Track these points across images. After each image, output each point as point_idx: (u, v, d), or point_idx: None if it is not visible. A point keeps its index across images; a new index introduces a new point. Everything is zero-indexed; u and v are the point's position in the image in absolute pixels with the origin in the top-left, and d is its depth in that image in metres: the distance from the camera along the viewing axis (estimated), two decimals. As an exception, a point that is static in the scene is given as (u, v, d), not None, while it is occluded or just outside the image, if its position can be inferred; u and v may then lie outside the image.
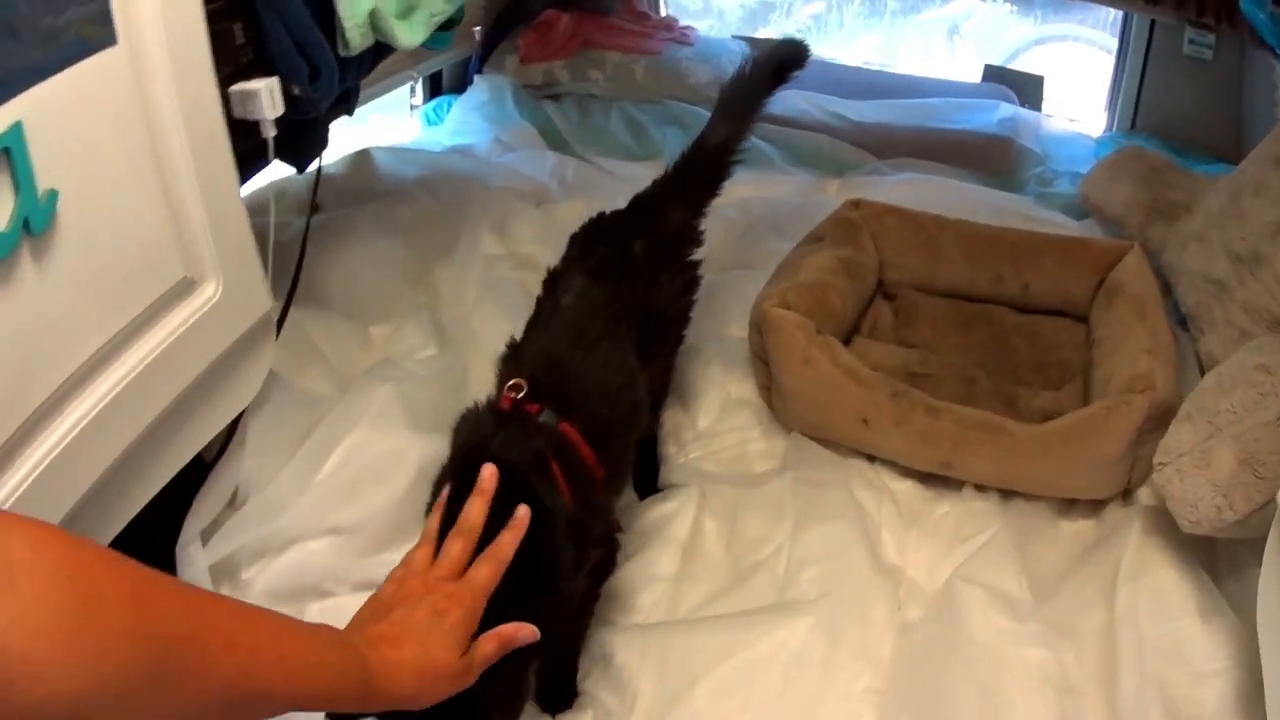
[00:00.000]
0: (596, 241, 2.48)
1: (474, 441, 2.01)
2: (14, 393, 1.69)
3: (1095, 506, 2.51)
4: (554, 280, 2.41)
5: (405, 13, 2.59)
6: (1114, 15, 5.13)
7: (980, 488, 2.55)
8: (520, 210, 3.78)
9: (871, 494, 2.54)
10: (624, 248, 2.43)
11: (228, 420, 2.45)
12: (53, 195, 1.67)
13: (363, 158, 3.94)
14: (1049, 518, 2.49)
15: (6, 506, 1.64)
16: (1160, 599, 2.12)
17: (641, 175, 2.82)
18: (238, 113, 2.21)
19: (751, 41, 5.57)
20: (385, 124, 5.03)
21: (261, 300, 2.38)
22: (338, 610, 2.30)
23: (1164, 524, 2.25)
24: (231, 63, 2.19)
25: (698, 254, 2.67)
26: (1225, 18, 3.93)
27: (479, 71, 5.38)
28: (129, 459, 2.00)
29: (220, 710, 1.13)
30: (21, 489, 1.70)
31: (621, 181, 3.01)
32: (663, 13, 5.91)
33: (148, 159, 1.94)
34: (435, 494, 1.93)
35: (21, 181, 1.61)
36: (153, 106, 1.92)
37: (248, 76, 2.24)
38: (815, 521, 2.42)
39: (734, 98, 2.66)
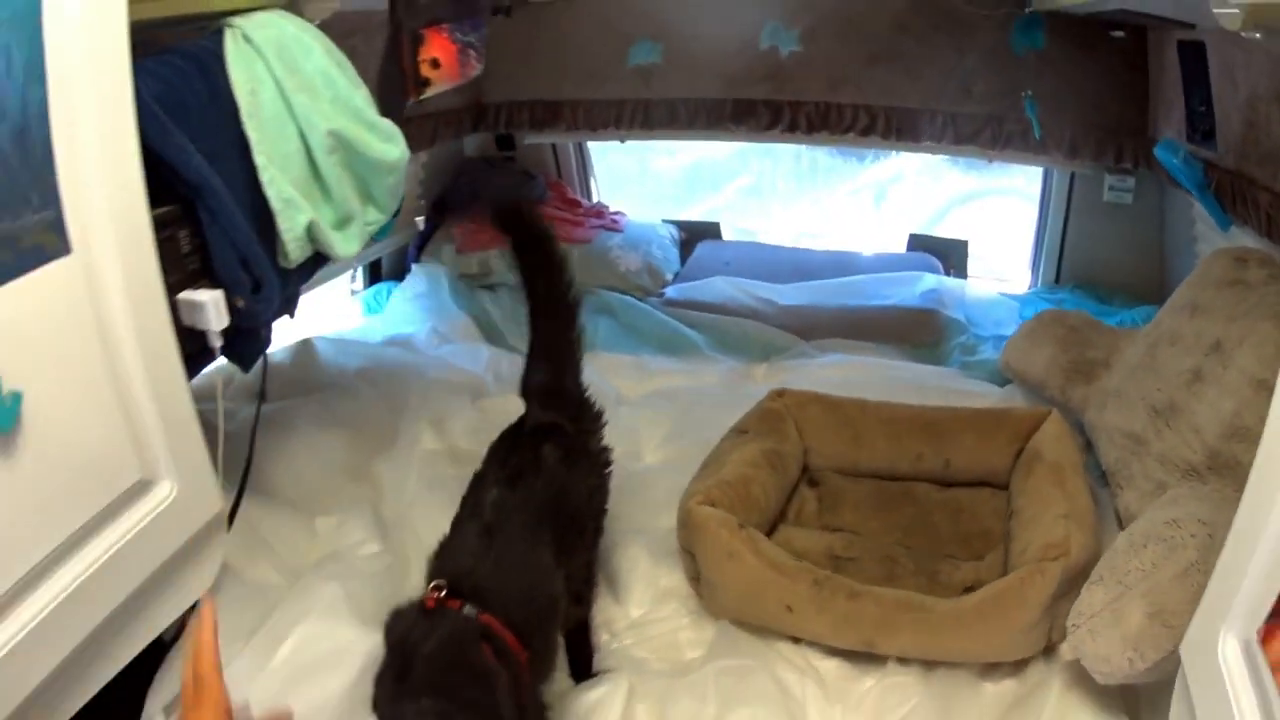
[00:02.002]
0: (511, 449, 2.67)
1: (403, 636, 2.19)
2: None
3: (1018, 666, 2.62)
4: (477, 482, 2.61)
5: (341, 224, 2.78)
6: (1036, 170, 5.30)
7: (903, 661, 2.66)
8: (456, 406, 3.95)
9: (796, 675, 2.66)
10: (535, 455, 2.62)
11: (181, 611, 2.53)
12: (17, 397, 1.80)
13: (305, 348, 4.06)
14: (972, 681, 2.61)
15: None
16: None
17: (575, 369, 2.99)
18: (185, 320, 2.33)
19: (680, 225, 5.82)
20: (327, 308, 5.14)
21: (213, 500, 2.48)
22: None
23: (1084, 675, 2.39)
24: (179, 270, 2.32)
25: (609, 455, 2.86)
26: (1143, 161, 4.21)
27: (416, 260, 5.54)
28: (86, 647, 2.08)
29: None
30: None
31: None
32: (594, 199, 6.09)
33: (102, 364, 2.07)
34: (376, 688, 2.12)
35: None
36: (106, 314, 2.05)
37: (195, 283, 2.38)
38: (739, 705, 2.54)
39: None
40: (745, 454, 3.16)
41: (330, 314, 5.14)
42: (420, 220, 5.56)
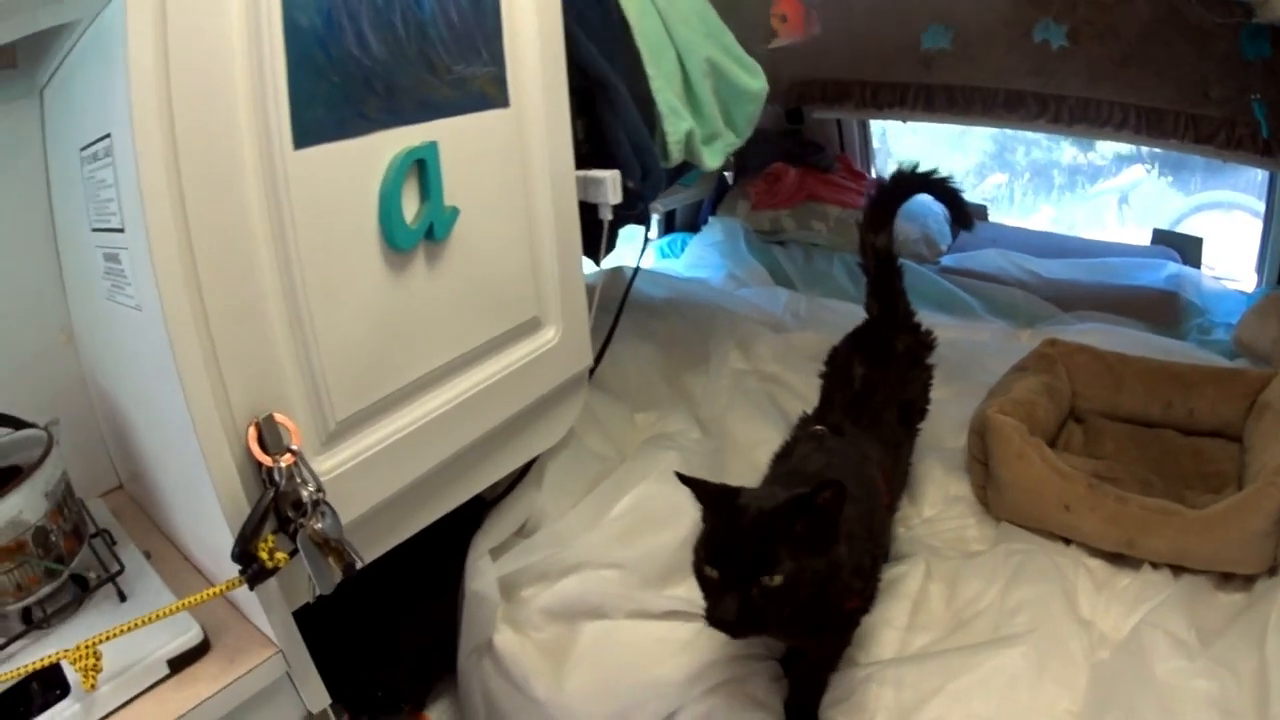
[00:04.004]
0: (868, 340, 2.88)
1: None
2: (379, 370, 1.92)
3: (1247, 581, 2.68)
4: (840, 364, 2.82)
5: (709, 139, 2.92)
6: (1262, 178, 5.29)
7: (1155, 565, 2.75)
8: (761, 334, 4.05)
9: (1069, 562, 2.77)
10: (890, 345, 2.84)
11: (538, 452, 2.70)
12: (455, 211, 1.96)
13: (616, 274, 4.16)
14: (1210, 589, 2.67)
15: (338, 474, 1.87)
16: (1304, 642, 2.30)
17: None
18: (579, 195, 2.48)
19: None
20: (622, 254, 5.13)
21: (585, 354, 2.64)
22: (610, 632, 2.57)
23: None
24: (574, 153, 2.44)
25: (933, 370, 3.01)
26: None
27: (713, 213, 5.73)
28: (457, 459, 2.22)
29: None
30: (359, 459, 1.91)
31: (851, 319, 3.18)
32: (874, 174, 6.16)
33: (522, 208, 2.22)
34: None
35: (431, 192, 1.90)
36: (530, 165, 2.21)
37: (584, 168, 2.51)
38: (1023, 582, 2.65)
39: (876, 215, 3.01)
40: (1028, 383, 3.30)
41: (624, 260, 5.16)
42: (729, 175, 5.76)
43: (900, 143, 6.47)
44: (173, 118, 1.47)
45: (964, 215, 3.08)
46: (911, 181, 3.01)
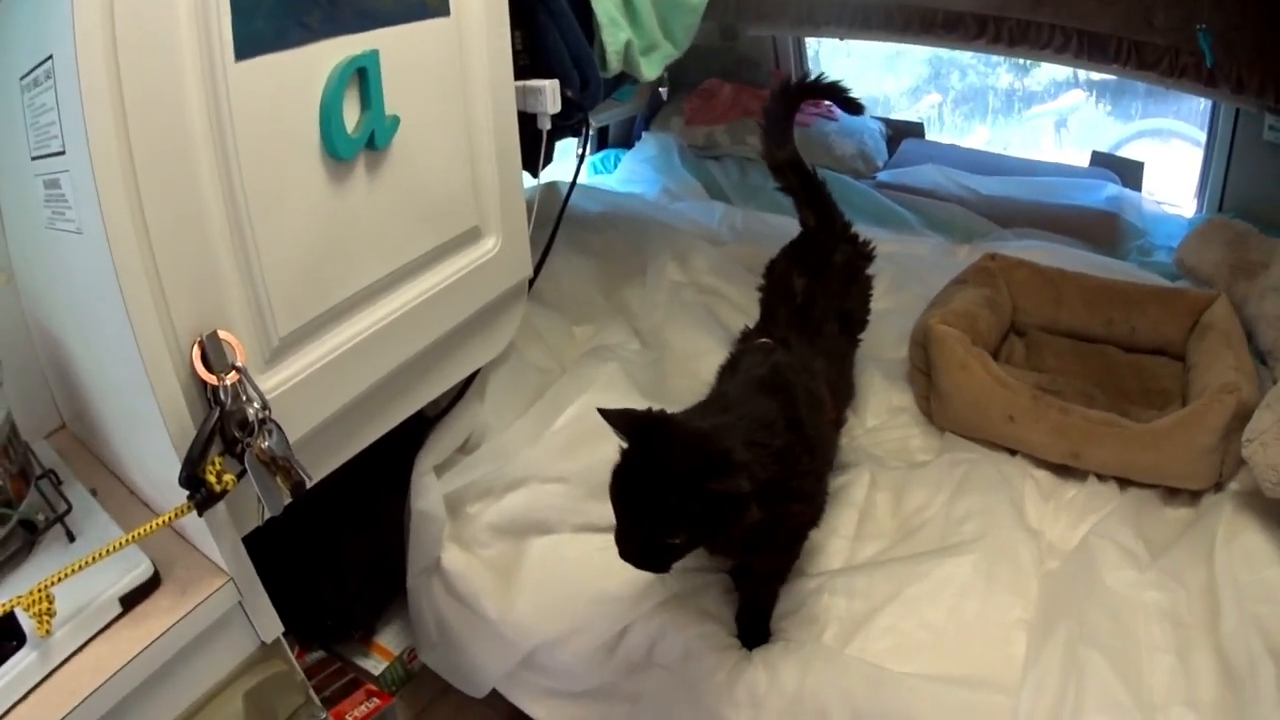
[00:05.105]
0: (807, 252, 2.87)
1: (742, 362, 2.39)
2: (322, 283, 1.92)
3: (1194, 497, 2.72)
4: (773, 272, 2.84)
5: (648, 50, 2.90)
6: (1204, 107, 5.28)
7: (1101, 478, 2.79)
8: (698, 246, 4.03)
9: (1016, 472, 2.80)
10: (829, 256, 2.82)
11: (480, 364, 2.70)
12: (395, 120, 1.95)
13: (550, 189, 4.10)
14: (1157, 504, 2.70)
15: (281, 392, 1.84)
16: (1251, 557, 2.34)
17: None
18: (519, 105, 2.47)
19: (887, 122, 5.85)
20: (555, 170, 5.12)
21: (525, 263, 2.65)
22: (557, 547, 2.59)
23: (1252, 503, 2.50)
24: (514, 64, 2.44)
25: (872, 282, 2.99)
26: (1300, 105, 4.14)
27: (646, 128, 5.73)
28: (394, 378, 2.22)
29: None
30: (303, 375, 1.90)
31: (787, 232, 3.14)
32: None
33: (462, 117, 2.21)
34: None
35: (372, 100, 1.88)
36: (470, 74, 2.20)
37: (522, 79, 2.50)
38: (970, 491, 2.68)
39: (773, 131, 3.14)
40: (969, 296, 3.31)
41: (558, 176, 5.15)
42: (664, 91, 5.71)
43: (834, 64, 6.40)
44: (114, 29, 1.45)
45: (852, 104, 3.15)
46: (795, 91, 3.13)
